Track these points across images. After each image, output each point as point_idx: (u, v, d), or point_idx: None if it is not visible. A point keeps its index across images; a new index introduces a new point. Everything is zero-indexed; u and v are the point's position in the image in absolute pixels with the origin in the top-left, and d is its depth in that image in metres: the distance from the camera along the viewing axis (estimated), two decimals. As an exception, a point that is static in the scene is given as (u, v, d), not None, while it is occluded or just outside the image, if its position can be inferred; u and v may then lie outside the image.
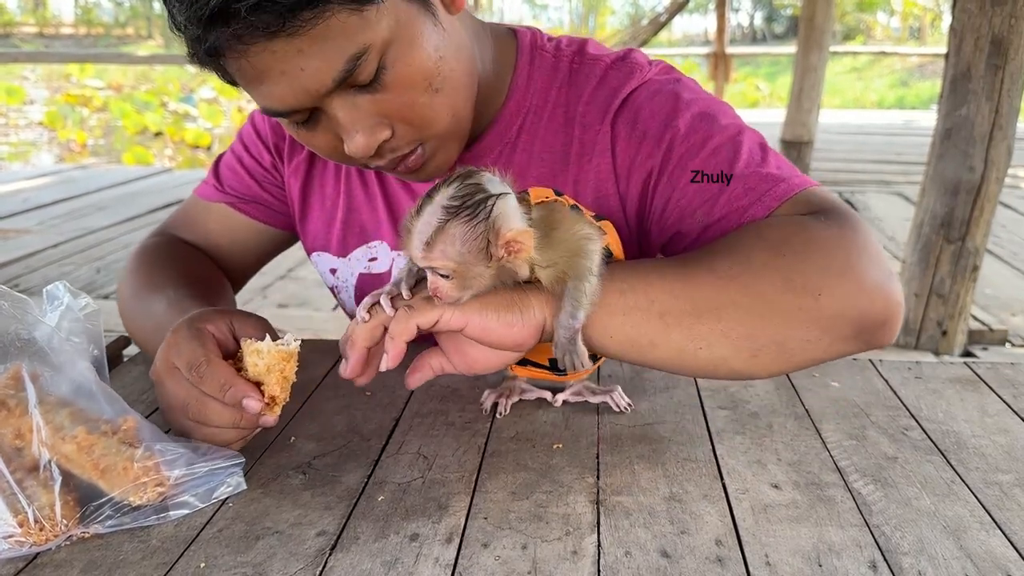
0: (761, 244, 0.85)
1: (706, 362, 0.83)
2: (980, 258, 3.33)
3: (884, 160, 8.47)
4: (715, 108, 0.99)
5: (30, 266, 4.78)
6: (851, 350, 0.85)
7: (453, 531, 0.75)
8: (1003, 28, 2.97)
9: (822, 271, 0.82)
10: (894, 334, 0.86)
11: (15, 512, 0.72)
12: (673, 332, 0.81)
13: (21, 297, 0.80)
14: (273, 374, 0.84)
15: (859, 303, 0.81)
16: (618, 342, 0.82)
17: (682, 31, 35.59)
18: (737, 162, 0.93)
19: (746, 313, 0.81)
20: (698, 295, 0.81)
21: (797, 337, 0.81)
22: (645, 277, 0.83)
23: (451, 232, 0.73)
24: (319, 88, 0.83)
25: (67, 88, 18.37)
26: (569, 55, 1.06)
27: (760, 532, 0.75)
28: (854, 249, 0.84)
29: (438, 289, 0.76)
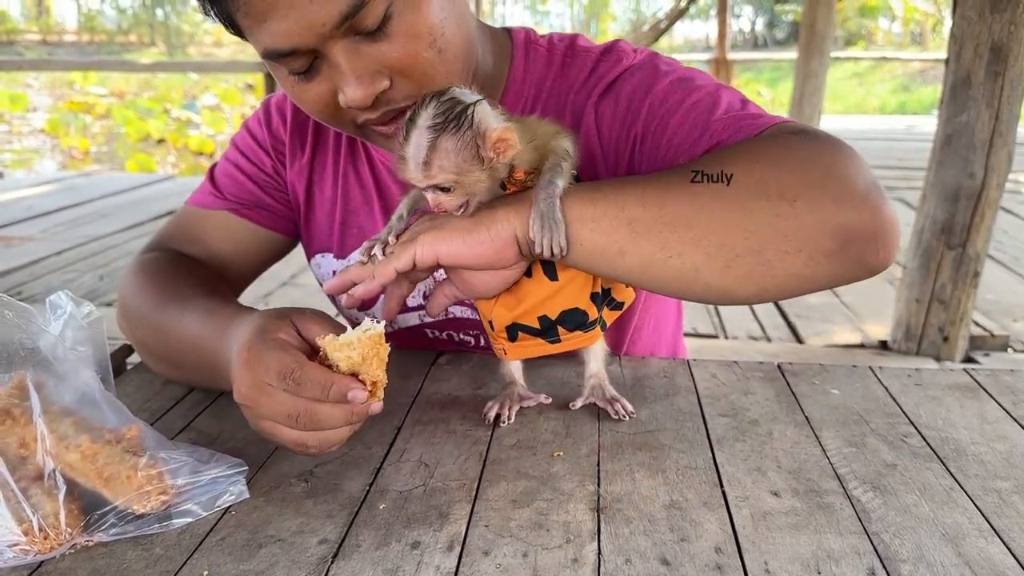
0: (739, 156, 0.84)
1: (677, 272, 0.81)
2: (981, 264, 3.33)
3: (886, 166, 8.46)
4: (692, 73, 1.03)
5: (34, 273, 4.79)
6: (838, 269, 0.80)
7: (454, 539, 0.76)
8: (1003, 35, 2.98)
9: (799, 178, 0.79)
10: (889, 253, 0.81)
11: (20, 521, 0.72)
12: (642, 240, 0.80)
13: (25, 307, 0.81)
14: (370, 361, 0.81)
15: (841, 212, 0.78)
16: (588, 250, 0.82)
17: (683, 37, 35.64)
18: (716, 111, 0.95)
19: (719, 220, 0.79)
20: (669, 203, 0.81)
21: (773, 247, 0.78)
22: (617, 187, 0.84)
23: (443, 147, 0.78)
24: (325, 23, 0.84)
25: (70, 95, 18.41)
26: (562, 49, 1.11)
27: (759, 539, 0.76)
28: (836, 160, 0.81)
29: (441, 204, 0.81)
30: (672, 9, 9.66)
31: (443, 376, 1.12)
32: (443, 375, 1.13)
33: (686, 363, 1.17)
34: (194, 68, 14.68)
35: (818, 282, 0.82)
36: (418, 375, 1.13)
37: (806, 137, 0.85)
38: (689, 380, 1.11)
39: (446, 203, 0.81)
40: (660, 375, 1.12)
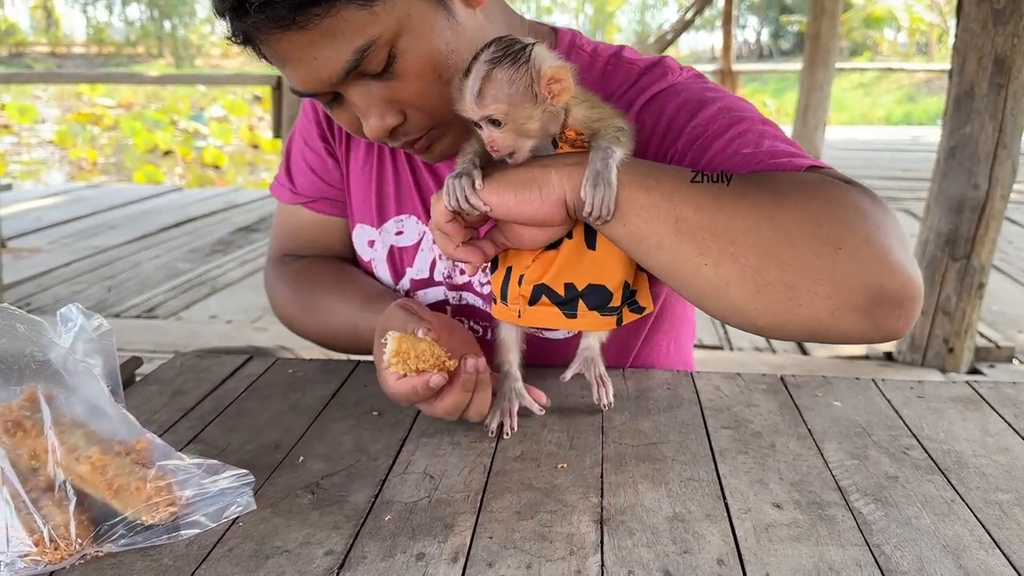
0: (798, 186, 0.84)
1: (706, 281, 0.82)
2: (986, 275, 3.33)
3: (891, 176, 8.46)
4: (739, 103, 1.03)
5: (42, 285, 4.81)
6: (859, 326, 0.80)
7: (459, 550, 0.76)
8: (1006, 47, 2.99)
9: (850, 228, 0.79)
10: (908, 322, 0.82)
11: (31, 531, 0.73)
12: (684, 240, 0.82)
13: (36, 319, 0.82)
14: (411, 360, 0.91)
15: (878, 273, 0.78)
16: (628, 232, 0.84)
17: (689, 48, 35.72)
18: (762, 143, 0.94)
19: (763, 244, 0.79)
20: (720, 213, 0.81)
21: (806, 286, 0.79)
22: (675, 180, 0.84)
23: (498, 77, 0.81)
24: (332, 76, 0.91)
25: (78, 107, 18.52)
26: (605, 57, 1.11)
27: (761, 551, 0.76)
28: (884, 223, 0.81)
29: (494, 141, 0.83)
30: (678, 20, 9.69)
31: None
32: (448, 387, 1.13)
33: (689, 375, 1.18)
34: (202, 81, 14.76)
35: (834, 334, 0.82)
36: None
37: (859, 190, 0.85)
38: (692, 392, 1.12)
39: (498, 139, 0.83)
40: (663, 387, 1.13)
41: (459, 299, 1.20)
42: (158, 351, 3.51)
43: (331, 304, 1.21)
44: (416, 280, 1.22)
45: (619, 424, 1.02)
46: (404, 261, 1.22)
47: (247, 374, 1.20)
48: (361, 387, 1.14)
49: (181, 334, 3.90)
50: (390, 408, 1.07)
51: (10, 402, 0.79)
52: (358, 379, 1.17)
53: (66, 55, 36.10)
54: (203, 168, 12.98)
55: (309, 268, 1.29)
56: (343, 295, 1.20)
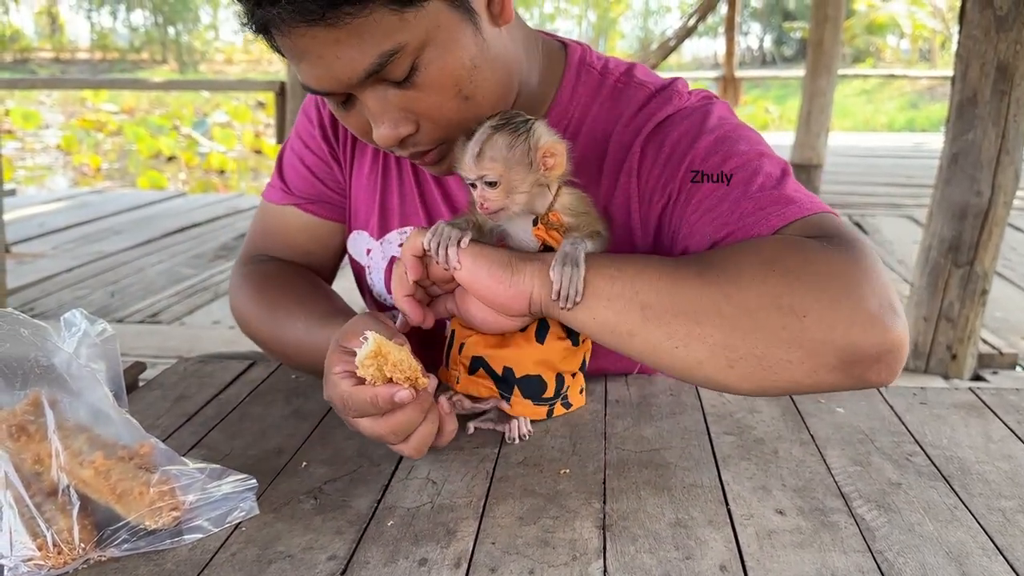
0: (754, 258, 0.84)
1: (682, 362, 0.83)
2: (989, 282, 3.32)
3: (894, 183, 8.46)
4: (739, 133, 1.01)
5: (45, 290, 4.82)
6: (839, 382, 0.81)
7: (461, 556, 0.76)
8: (1008, 54, 2.99)
9: (814, 293, 0.80)
10: (892, 373, 0.82)
11: (34, 536, 0.74)
12: (651, 326, 0.83)
13: (40, 324, 0.82)
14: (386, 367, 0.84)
15: (849, 333, 0.78)
16: (599, 324, 0.86)
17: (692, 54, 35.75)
18: (752, 184, 0.94)
19: (726, 322, 0.81)
20: (680, 295, 0.83)
21: (777, 355, 0.80)
22: (635, 268, 0.86)
23: (498, 140, 0.86)
24: (351, 77, 0.88)
25: (82, 112, 18.57)
26: (616, 75, 1.10)
27: (764, 558, 0.76)
28: (854, 276, 0.81)
29: (486, 199, 0.87)
30: (680, 27, 9.71)
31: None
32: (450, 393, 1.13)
33: (692, 381, 1.17)
34: (206, 87, 14.79)
35: (820, 389, 0.83)
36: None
37: (829, 244, 0.84)
38: (695, 398, 1.12)
39: (491, 199, 0.87)
40: (666, 393, 1.13)
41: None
42: (161, 356, 3.51)
43: (292, 308, 1.15)
44: None
45: (622, 430, 1.02)
46: None
47: (250, 379, 1.20)
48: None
49: (184, 339, 3.91)
50: (393, 413, 1.07)
51: (14, 406, 0.79)
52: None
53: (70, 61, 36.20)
54: (207, 173, 13.00)
55: (281, 271, 1.25)
56: (306, 304, 1.15)
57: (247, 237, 1.33)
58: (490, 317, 0.91)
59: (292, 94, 6.01)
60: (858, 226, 6.54)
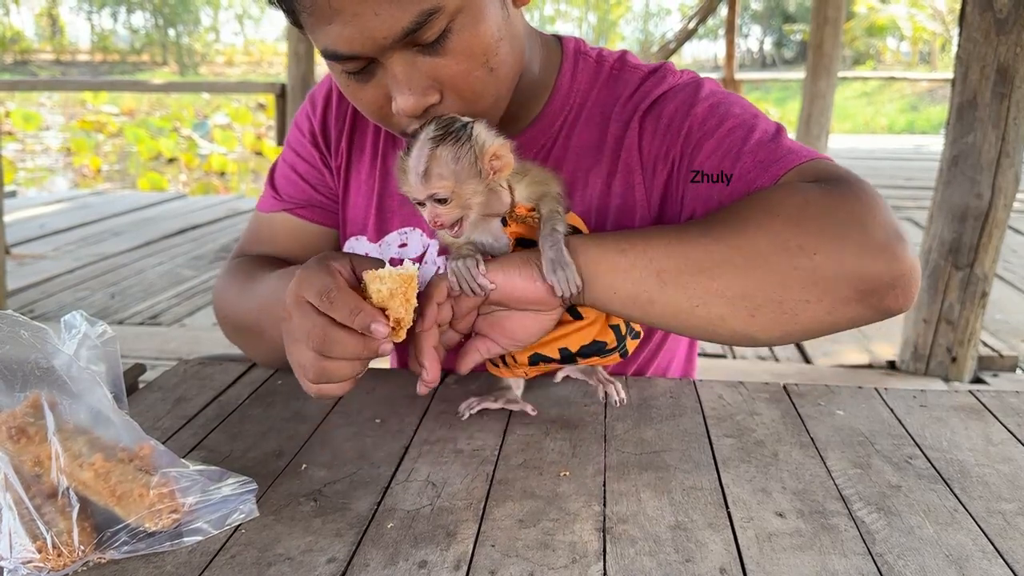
0: (757, 207, 0.88)
1: (705, 320, 0.86)
2: (989, 284, 3.32)
3: (894, 185, 8.47)
4: (731, 99, 1.06)
5: (46, 291, 4.82)
6: (859, 314, 0.84)
7: (461, 558, 0.76)
8: (1008, 57, 2.99)
9: (818, 231, 0.83)
10: (908, 298, 0.85)
11: (34, 537, 0.74)
12: (669, 289, 0.85)
13: (40, 326, 0.82)
14: (396, 298, 0.85)
15: (860, 263, 0.81)
16: (621, 298, 0.88)
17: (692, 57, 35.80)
18: (749, 140, 0.98)
19: (740, 272, 0.83)
20: (692, 254, 0.85)
21: (794, 297, 0.83)
22: (644, 237, 0.88)
23: (442, 156, 0.84)
24: (386, 36, 0.87)
25: (82, 114, 18.57)
26: (611, 61, 1.14)
27: (764, 560, 0.76)
28: (856, 211, 0.85)
29: (439, 216, 0.85)
30: (681, 29, 9.71)
31: (451, 396, 1.13)
32: (451, 395, 1.14)
33: (692, 384, 1.18)
34: (206, 89, 14.81)
35: (842, 325, 0.86)
36: (426, 395, 1.14)
37: (828, 185, 0.88)
38: (695, 401, 1.12)
39: (443, 215, 0.86)
40: (666, 395, 1.13)
41: None
42: (161, 358, 3.52)
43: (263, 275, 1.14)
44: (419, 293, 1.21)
45: (622, 432, 1.02)
46: None
47: (250, 381, 1.20)
48: (364, 395, 1.15)
49: (184, 341, 3.91)
50: (392, 416, 1.07)
51: (14, 408, 0.79)
52: (360, 387, 1.17)
53: (71, 62, 36.24)
54: (207, 175, 13.01)
55: (263, 259, 1.25)
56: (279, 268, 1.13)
57: (237, 244, 1.33)
58: (531, 322, 0.91)
59: (292, 96, 6.02)
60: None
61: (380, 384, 1.18)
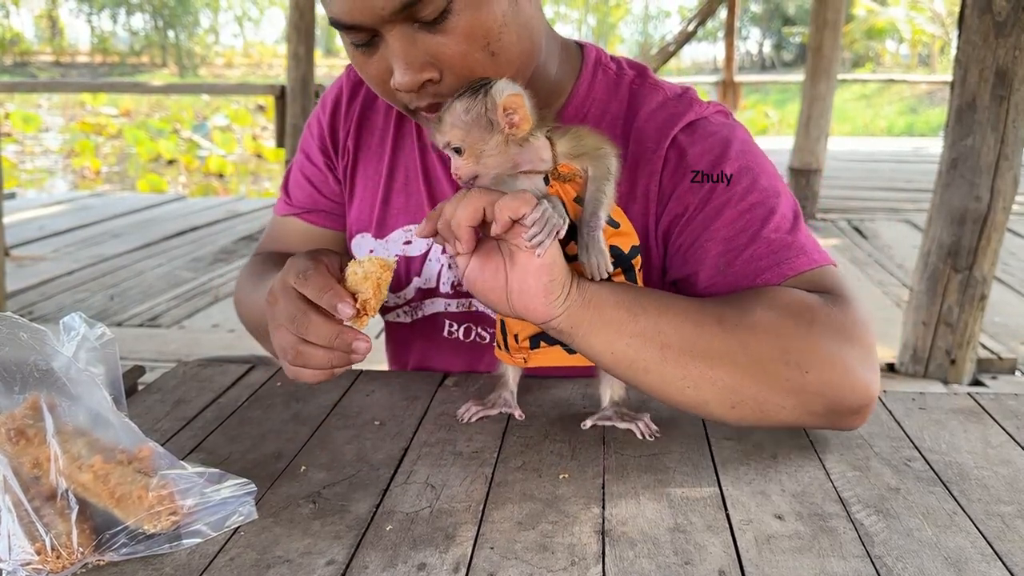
0: (769, 311, 0.91)
1: (689, 399, 0.91)
2: (988, 287, 3.32)
3: (893, 188, 8.47)
4: (760, 165, 1.05)
5: (45, 293, 4.82)
6: (815, 424, 0.96)
7: (460, 561, 0.76)
8: (1007, 60, 2.99)
9: (815, 352, 0.89)
10: (863, 422, 0.96)
11: (33, 540, 0.74)
12: (668, 365, 0.88)
13: (39, 328, 0.82)
14: (369, 281, 0.89)
15: (839, 390, 0.90)
16: (616, 359, 0.89)
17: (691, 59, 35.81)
18: (768, 224, 0.99)
19: (738, 368, 0.88)
20: (700, 340, 0.89)
21: (774, 401, 0.90)
22: (658, 307, 0.89)
23: (456, 107, 0.86)
24: (384, 7, 0.87)
25: (82, 116, 18.57)
26: (631, 76, 1.13)
27: (763, 563, 0.76)
28: (849, 338, 0.91)
29: (457, 168, 0.86)
30: (680, 32, 9.71)
31: (450, 398, 1.13)
32: (450, 397, 1.14)
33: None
34: (205, 90, 14.81)
35: (798, 427, 0.99)
36: (425, 397, 1.14)
37: (833, 305, 0.93)
38: (694, 403, 1.12)
39: (460, 167, 0.86)
40: (665, 398, 1.13)
41: (468, 306, 1.20)
42: (160, 360, 3.51)
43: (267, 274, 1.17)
44: (422, 290, 1.21)
45: (621, 435, 1.02)
46: (411, 271, 1.21)
47: (249, 383, 1.20)
48: (363, 397, 1.15)
49: (184, 343, 3.91)
50: (392, 418, 1.07)
51: (13, 410, 0.79)
52: (360, 389, 1.18)
53: (70, 64, 36.25)
54: (207, 177, 13.01)
55: (271, 255, 1.29)
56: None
57: (258, 243, 1.38)
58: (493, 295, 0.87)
59: (292, 98, 6.02)
60: (857, 231, 6.55)
61: (379, 386, 1.18)
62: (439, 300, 1.21)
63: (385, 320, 1.30)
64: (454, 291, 1.20)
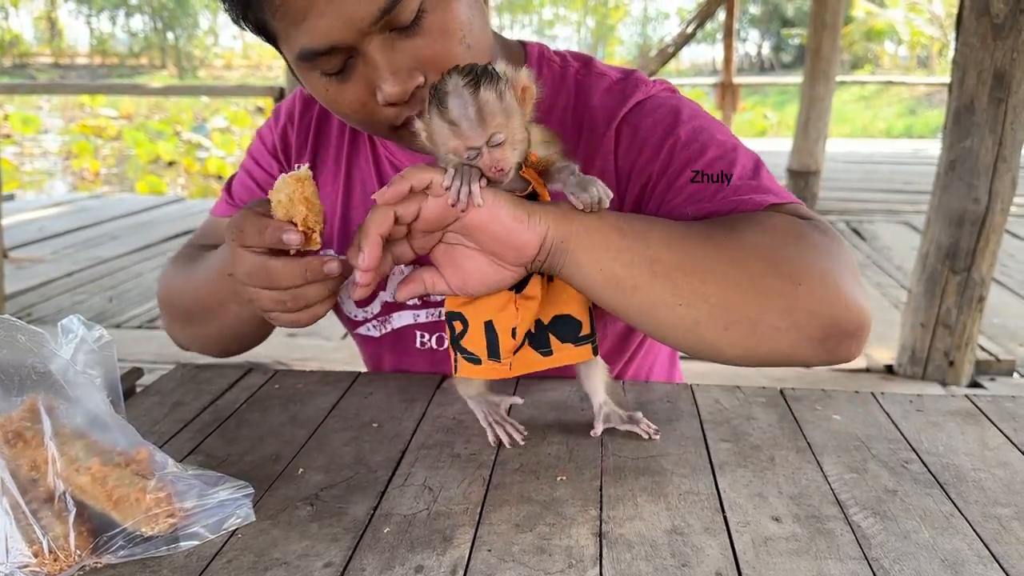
0: (756, 227, 0.89)
1: (679, 320, 0.85)
2: (986, 289, 3.33)
3: (892, 189, 8.47)
4: (713, 125, 1.05)
5: (44, 295, 4.82)
6: (814, 354, 0.86)
7: (457, 563, 0.76)
8: (1005, 62, 3.00)
9: (806, 265, 0.85)
10: (859, 350, 0.88)
11: (30, 542, 0.74)
12: (659, 281, 0.84)
13: (37, 330, 0.82)
14: (297, 204, 0.84)
15: (833, 307, 0.84)
16: (605, 277, 0.85)
17: (690, 61, 35.85)
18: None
19: (730, 282, 0.84)
20: (691, 253, 0.85)
21: (769, 322, 0.83)
22: (646, 223, 0.87)
23: (487, 97, 0.79)
24: (364, 18, 0.87)
25: (81, 117, 18.56)
26: (575, 67, 1.13)
27: (760, 565, 0.76)
28: (838, 259, 0.87)
29: (500, 161, 0.80)
30: (679, 33, 9.71)
31: (447, 400, 1.13)
32: (447, 399, 1.14)
33: (689, 388, 1.18)
34: (205, 92, 14.82)
35: (794, 361, 0.88)
36: (423, 399, 1.14)
37: (815, 228, 0.90)
38: (692, 405, 1.12)
39: (502, 159, 0.80)
40: (663, 400, 1.13)
41: (437, 315, 1.18)
42: (159, 362, 3.51)
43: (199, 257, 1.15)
44: (388, 303, 1.20)
45: (619, 437, 1.02)
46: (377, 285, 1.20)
47: (247, 386, 1.21)
48: (361, 399, 1.15)
49: (182, 345, 3.90)
50: (389, 420, 1.07)
51: (11, 413, 0.79)
52: (358, 391, 1.18)
53: (69, 66, 36.25)
54: (207, 178, 13.01)
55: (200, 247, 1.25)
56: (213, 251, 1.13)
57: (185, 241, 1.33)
58: (488, 271, 0.86)
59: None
60: (856, 232, 6.55)
61: (377, 389, 1.18)
62: (406, 313, 1.20)
63: (355, 334, 1.27)
64: (422, 302, 1.18)
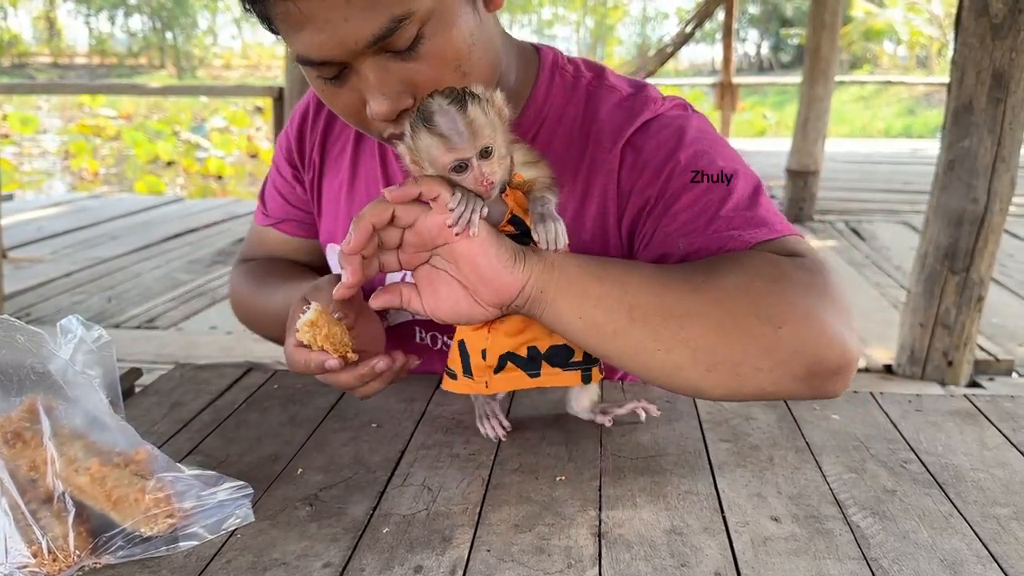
0: (737, 269, 0.88)
1: (661, 364, 0.86)
2: (985, 289, 3.33)
3: (891, 189, 8.48)
4: (715, 148, 1.03)
5: (42, 295, 4.82)
6: (798, 391, 0.87)
7: (457, 563, 0.76)
8: (1004, 62, 3.00)
9: (788, 306, 0.85)
10: (844, 386, 0.89)
11: (29, 543, 0.74)
12: (637, 327, 0.84)
13: (36, 331, 0.82)
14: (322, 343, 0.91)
15: (816, 347, 0.84)
16: (585, 324, 0.85)
17: (689, 61, 35.86)
18: (726, 204, 0.97)
19: (710, 326, 0.84)
20: (669, 298, 0.85)
21: (750, 363, 0.84)
22: (625, 269, 0.88)
23: (473, 112, 0.80)
24: (357, 42, 0.86)
25: (80, 117, 18.55)
26: (588, 78, 1.12)
27: (759, 565, 0.76)
28: (822, 296, 0.87)
29: (489, 174, 0.81)
30: (678, 33, 9.71)
31: (446, 400, 1.13)
32: (447, 399, 1.14)
33: (688, 388, 1.17)
34: (204, 92, 14.81)
35: (778, 396, 0.89)
36: (422, 399, 1.14)
37: (801, 265, 0.90)
38: (691, 405, 1.12)
39: (491, 170, 0.81)
40: (662, 400, 1.13)
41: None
42: (158, 362, 3.51)
43: (276, 282, 1.23)
44: None
45: (618, 437, 1.02)
46: (375, 282, 1.21)
47: (246, 386, 1.21)
48: (360, 399, 1.14)
49: (181, 345, 3.90)
50: (389, 420, 1.07)
51: (10, 413, 0.79)
52: (357, 391, 1.17)
53: (68, 65, 36.22)
54: (205, 178, 13.00)
55: (272, 260, 1.35)
56: (288, 278, 1.22)
57: (243, 244, 1.42)
58: (463, 303, 0.86)
59: (289, 99, 5.99)
60: (855, 232, 6.56)
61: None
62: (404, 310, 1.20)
63: None
64: None
